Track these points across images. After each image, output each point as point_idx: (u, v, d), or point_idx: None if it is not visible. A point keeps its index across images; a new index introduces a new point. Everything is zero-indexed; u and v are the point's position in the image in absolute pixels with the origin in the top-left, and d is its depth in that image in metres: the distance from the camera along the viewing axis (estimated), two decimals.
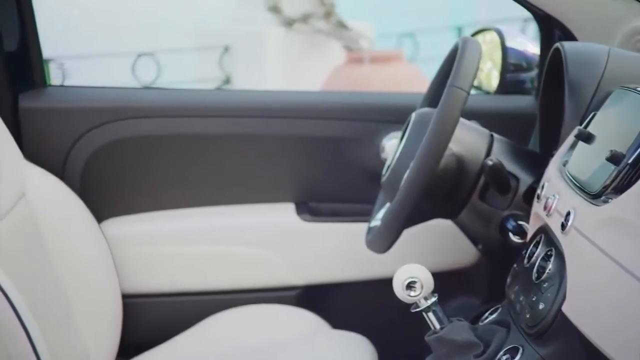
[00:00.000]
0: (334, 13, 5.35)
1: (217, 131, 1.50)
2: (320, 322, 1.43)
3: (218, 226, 1.53)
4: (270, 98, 1.61)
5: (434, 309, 0.94)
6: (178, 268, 1.51)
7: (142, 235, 1.50)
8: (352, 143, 1.53)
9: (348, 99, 1.67)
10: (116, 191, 1.49)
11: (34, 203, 1.28)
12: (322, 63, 5.15)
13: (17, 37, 1.42)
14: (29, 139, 1.41)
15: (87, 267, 1.36)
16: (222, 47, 5.64)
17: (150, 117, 1.48)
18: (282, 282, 1.54)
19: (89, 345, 1.30)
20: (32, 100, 1.44)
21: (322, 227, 1.53)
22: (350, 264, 1.52)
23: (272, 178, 1.53)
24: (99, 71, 4.85)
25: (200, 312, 1.47)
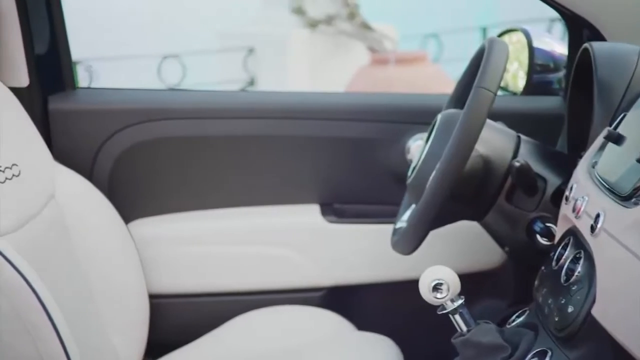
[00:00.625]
0: (358, 14, 5.35)
1: (243, 132, 1.51)
2: (345, 323, 1.43)
3: (243, 227, 1.53)
4: (294, 99, 1.61)
5: (460, 311, 0.94)
6: (204, 269, 1.52)
7: (168, 236, 1.51)
8: (377, 144, 1.53)
9: (373, 100, 1.67)
10: (143, 192, 1.51)
11: (63, 204, 1.30)
12: (346, 64, 5.16)
13: (48, 39, 1.44)
14: (58, 141, 1.43)
15: (114, 267, 1.37)
16: (247, 48, 5.67)
17: (177, 119, 1.50)
18: (307, 283, 1.54)
19: (117, 345, 1.31)
20: (61, 102, 1.46)
21: (347, 228, 1.53)
22: (376, 265, 1.52)
23: (297, 179, 1.54)
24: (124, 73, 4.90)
25: (226, 312, 1.47)
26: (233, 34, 5.81)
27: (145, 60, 5.22)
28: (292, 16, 5.50)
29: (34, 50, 1.38)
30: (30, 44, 1.36)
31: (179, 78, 5.20)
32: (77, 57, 1.54)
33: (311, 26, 5.43)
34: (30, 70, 1.37)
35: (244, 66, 5.69)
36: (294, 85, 5.39)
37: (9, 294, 0.96)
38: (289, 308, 1.48)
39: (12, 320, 0.97)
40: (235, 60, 5.66)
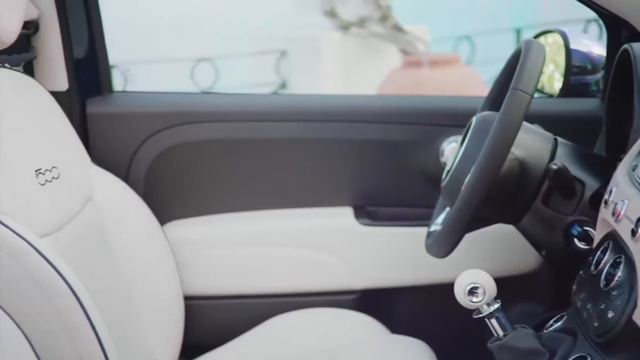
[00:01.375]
0: (390, 16, 5.33)
1: (276, 135, 1.52)
2: (378, 326, 1.43)
3: (277, 229, 1.54)
4: (327, 102, 1.61)
5: (496, 316, 0.93)
6: (238, 271, 1.53)
7: (202, 237, 1.53)
8: (410, 147, 1.52)
9: (407, 102, 1.67)
10: (178, 194, 1.52)
11: (100, 205, 1.32)
12: (378, 67, 5.15)
13: (86, 44, 1.46)
14: (96, 143, 1.45)
15: (150, 269, 1.39)
16: (279, 51, 5.70)
17: (211, 122, 1.51)
18: (340, 286, 1.54)
19: (153, 345, 1.33)
20: (99, 105, 1.48)
21: (381, 231, 1.53)
22: (409, 268, 1.51)
23: (330, 182, 1.54)
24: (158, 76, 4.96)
25: (259, 315, 1.48)
26: (265, 37, 5.84)
27: (179, 64, 5.28)
28: (324, 19, 5.51)
29: (73, 55, 1.40)
30: (70, 49, 1.38)
31: (212, 81, 5.24)
32: (112, 60, 1.56)
33: (343, 29, 5.43)
34: (69, 74, 1.39)
35: (276, 69, 5.71)
36: (326, 88, 5.40)
37: (49, 294, 0.98)
38: (322, 311, 1.48)
39: (52, 320, 0.98)
40: (268, 63, 5.69)
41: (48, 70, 1.37)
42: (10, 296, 0.92)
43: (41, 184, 1.14)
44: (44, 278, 0.98)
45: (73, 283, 1.00)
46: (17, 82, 1.19)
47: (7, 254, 0.97)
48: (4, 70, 1.17)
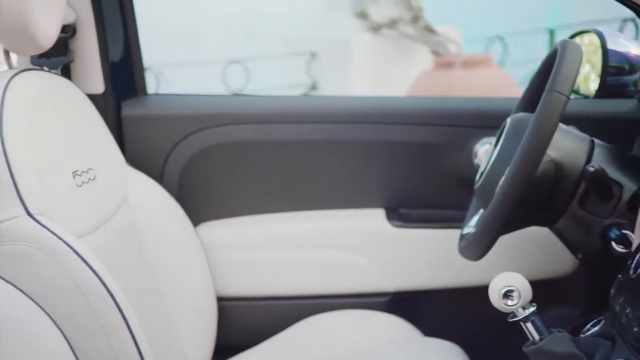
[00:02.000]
0: (422, 17, 5.31)
1: (307, 137, 1.52)
2: (411, 328, 1.42)
3: (309, 231, 1.54)
4: (358, 104, 1.61)
5: (532, 319, 0.92)
6: (270, 272, 1.53)
7: (235, 239, 1.53)
8: (442, 148, 1.51)
9: (439, 104, 1.66)
10: (211, 195, 1.53)
11: (135, 206, 1.33)
12: (409, 68, 5.13)
13: (122, 47, 1.48)
14: (131, 145, 1.47)
15: (183, 269, 1.40)
16: (309, 53, 5.71)
17: (243, 124, 1.52)
18: (372, 288, 1.53)
19: (186, 346, 1.34)
20: (134, 107, 1.49)
21: (413, 233, 1.52)
22: (442, 270, 1.50)
23: (362, 183, 1.54)
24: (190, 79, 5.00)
25: (291, 316, 1.48)
26: (296, 38, 5.85)
27: (210, 66, 5.32)
28: (355, 20, 5.51)
29: (109, 58, 1.42)
30: (106, 52, 1.40)
31: (242, 83, 5.27)
32: (145, 63, 1.58)
33: (374, 30, 5.42)
34: (105, 77, 1.41)
35: (306, 71, 5.73)
36: (357, 90, 5.39)
37: (86, 295, 0.99)
38: (354, 312, 1.48)
39: (89, 321, 1.00)
40: (298, 65, 5.71)
41: (85, 73, 1.39)
42: (49, 297, 0.94)
43: (78, 186, 1.15)
44: (81, 278, 1.00)
45: (109, 284, 1.01)
46: (56, 84, 1.20)
47: (45, 254, 0.99)
48: (43, 73, 1.19)
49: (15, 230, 1.00)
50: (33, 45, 1.08)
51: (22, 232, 1.00)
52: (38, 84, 1.14)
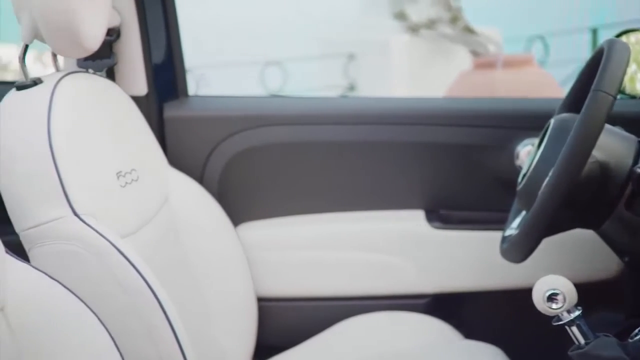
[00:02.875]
0: (461, 17, 5.27)
1: (346, 138, 1.52)
2: (451, 331, 1.41)
3: (348, 232, 1.54)
4: (397, 105, 1.61)
5: (578, 323, 0.90)
6: (308, 273, 1.53)
7: (274, 239, 1.54)
8: (483, 150, 1.50)
9: (479, 105, 1.64)
10: (251, 196, 1.54)
11: (176, 207, 1.35)
12: (448, 69, 5.09)
13: (164, 49, 1.50)
14: (172, 146, 1.49)
15: (223, 270, 1.41)
16: (347, 54, 5.71)
17: (282, 125, 1.52)
18: (411, 290, 1.53)
19: (226, 346, 1.35)
20: (175, 109, 1.51)
21: (453, 234, 1.51)
22: (483, 272, 1.49)
23: (401, 185, 1.53)
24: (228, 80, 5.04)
25: (330, 317, 1.48)
26: (334, 40, 5.86)
27: (248, 67, 5.36)
28: (393, 21, 5.49)
29: (152, 60, 1.44)
30: (149, 54, 1.42)
31: (280, 84, 5.30)
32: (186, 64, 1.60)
33: (412, 31, 5.40)
34: (148, 79, 1.43)
35: (344, 72, 5.73)
36: (394, 91, 5.37)
37: (131, 294, 1.01)
38: (394, 314, 1.47)
39: (133, 320, 1.01)
40: (336, 67, 5.71)
41: (128, 75, 1.41)
42: (94, 296, 0.95)
43: (122, 186, 1.17)
44: (126, 278, 1.01)
45: (153, 284, 1.02)
46: (101, 86, 1.23)
47: (91, 254, 1.01)
48: (89, 76, 1.21)
49: (62, 230, 1.02)
50: (80, 48, 1.10)
51: (69, 232, 1.02)
52: (84, 86, 1.16)
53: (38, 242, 1.03)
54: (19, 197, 1.03)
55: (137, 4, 1.38)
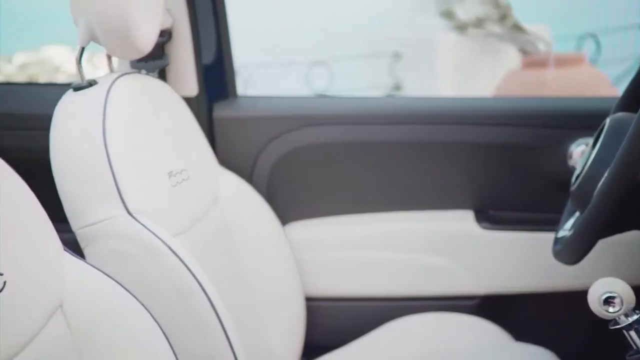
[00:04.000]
0: (510, 15, 5.20)
1: (394, 138, 1.51)
2: (501, 333, 1.39)
3: (396, 232, 1.53)
4: (444, 104, 1.59)
5: (636, 327, 0.88)
6: (356, 273, 1.53)
7: (322, 239, 1.54)
8: (533, 150, 1.48)
9: (530, 104, 1.62)
10: (299, 195, 1.55)
11: (226, 206, 1.36)
12: (496, 68, 5.03)
13: (214, 49, 1.52)
14: (222, 146, 1.50)
15: (272, 269, 1.42)
16: (393, 54, 5.69)
17: (330, 125, 1.53)
18: (460, 291, 1.51)
19: (275, 345, 1.36)
20: (225, 109, 1.53)
21: (504, 235, 1.49)
22: (535, 274, 1.47)
23: (449, 185, 1.52)
24: (274, 80, 5.08)
25: (379, 317, 1.48)
26: (380, 39, 5.84)
27: (294, 67, 5.38)
28: (440, 20, 5.45)
29: (202, 61, 1.46)
30: (199, 55, 1.44)
31: (326, 84, 5.31)
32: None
33: (460, 29, 5.35)
34: (199, 80, 1.45)
35: (390, 71, 5.71)
36: (441, 90, 5.33)
37: (183, 294, 1.02)
38: (442, 315, 1.46)
39: (185, 319, 1.02)
40: (381, 66, 5.70)
41: (180, 76, 1.43)
42: (146, 294, 0.96)
43: (173, 186, 1.19)
44: (178, 277, 1.02)
45: (204, 283, 1.03)
46: (154, 87, 1.25)
47: (144, 253, 1.03)
48: (142, 76, 1.23)
49: (115, 228, 1.04)
50: (134, 50, 1.12)
51: (122, 231, 1.04)
52: (138, 87, 1.18)
53: (92, 240, 1.05)
54: (74, 195, 1.06)
55: (188, 6, 1.40)
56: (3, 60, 6.27)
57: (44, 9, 5.75)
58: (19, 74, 6.07)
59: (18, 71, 6.13)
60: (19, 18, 5.86)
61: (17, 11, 5.92)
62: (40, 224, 0.79)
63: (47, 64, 6.20)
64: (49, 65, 6.19)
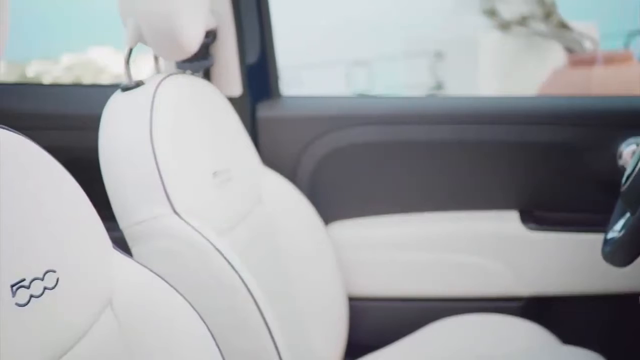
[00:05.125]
0: (555, 13, 5.11)
1: (436, 138, 1.50)
2: (548, 336, 1.37)
3: (439, 232, 1.52)
4: (488, 104, 1.57)
5: None
6: (399, 273, 1.53)
7: (364, 239, 1.54)
8: (580, 149, 1.45)
9: (577, 103, 1.59)
10: (341, 195, 1.55)
11: (269, 206, 1.37)
12: (540, 67, 4.96)
13: (258, 50, 1.53)
14: (265, 146, 1.51)
15: (315, 268, 1.42)
16: (435, 53, 5.65)
17: (373, 125, 1.52)
18: (505, 292, 1.49)
19: (318, 344, 1.36)
20: (268, 109, 1.54)
21: (550, 236, 1.47)
22: (582, 276, 1.44)
23: (493, 185, 1.50)
24: (315, 80, 5.08)
25: (422, 318, 1.47)
26: (421, 38, 5.81)
27: (335, 67, 5.38)
28: (482, 18, 5.39)
29: (246, 61, 1.47)
30: (243, 56, 1.45)
31: (367, 84, 5.30)
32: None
33: (503, 28, 5.28)
34: (243, 80, 1.46)
35: (431, 70, 5.67)
36: (483, 90, 5.28)
37: (227, 292, 1.03)
38: (487, 317, 1.44)
39: (229, 317, 1.03)
40: (422, 65, 5.66)
41: (224, 76, 1.44)
42: (193, 292, 0.97)
43: (217, 185, 1.20)
44: (224, 276, 1.03)
45: (249, 282, 1.04)
46: (199, 87, 1.26)
47: (190, 252, 1.03)
48: (188, 77, 1.25)
49: (161, 227, 1.05)
50: (180, 50, 1.13)
51: (169, 230, 1.05)
52: (184, 87, 1.19)
53: (139, 239, 1.06)
54: (121, 194, 1.07)
55: (233, 6, 1.41)
56: (51, 62, 6.41)
57: (89, 11, 5.86)
58: (66, 76, 6.20)
59: (65, 73, 6.26)
60: (65, 20, 5.98)
61: (63, 13, 6.05)
62: (91, 222, 0.81)
63: (92, 66, 6.32)
64: (94, 66, 6.31)
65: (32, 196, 0.72)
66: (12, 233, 0.68)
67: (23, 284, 0.67)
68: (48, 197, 0.75)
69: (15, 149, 0.73)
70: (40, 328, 0.69)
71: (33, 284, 0.68)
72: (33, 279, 0.69)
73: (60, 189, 0.77)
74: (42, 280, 0.70)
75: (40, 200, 0.73)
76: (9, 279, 0.66)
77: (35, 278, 0.69)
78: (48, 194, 0.75)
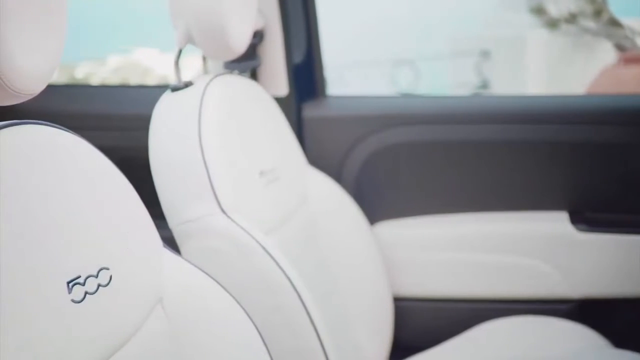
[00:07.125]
0: (605, 10, 5.00)
1: (484, 137, 1.48)
2: (598, 339, 1.34)
3: (485, 233, 1.50)
4: (536, 103, 1.55)
5: None
6: (445, 274, 1.51)
7: (410, 239, 1.53)
8: (633, 149, 1.42)
9: (629, 102, 1.55)
10: (386, 195, 1.54)
11: (315, 206, 1.37)
12: (589, 65, 4.86)
13: (304, 50, 1.53)
14: (310, 145, 1.51)
15: (360, 268, 1.41)
16: (480, 51, 5.58)
17: (418, 124, 1.51)
18: (554, 294, 1.47)
19: (364, 344, 1.35)
20: (314, 109, 1.54)
21: (601, 238, 1.44)
22: (634, 278, 1.41)
23: (542, 185, 1.47)
24: (361, 79, 5.07)
25: (468, 319, 1.46)
26: (467, 37, 5.75)
27: (379, 67, 5.36)
28: (530, 16, 5.31)
29: (293, 62, 1.47)
30: (290, 56, 1.46)
31: (411, 83, 5.27)
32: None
33: (551, 26, 5.19)
34: (289, 80, 1.46)
35: (477, 69, 5.61)
36: (531, 89, 5.20)
37: (274, 291, 1.03)
38: (536, 319, 1.42)
39: (275, 315, 1.03)
40: (468, 64, 5.60)
41: (271, 76, 1.45)
42: (239, 291, 0.98)
43: (264, 185, 1.21)
44: (270, 275, 1.04)
45: (295, 281, 1.04)
46: (246, 87, 1.27)
47: (237, 251, 1.04)
48: (235, 77, 1.26)
49: (209, 226, 1.06)
50: (228, 51, 1.14)
51: (216, 229, 1.06)
52: (231, 87, 1.21)
53: (188, 237, 1.08)
54: (170, 193, 1.09)
55: (280, 7, 1.41)
56: (98, 63, 6.54)
57: (134, 14, 5.96)
58: (113, 77, 6.32)
59: (112, 74, 6.39)
60: (111, 22, 6.10)
61: (109, 16, 6.17)
62: (142, 220, 0.82)
63: (138, 67, 6.42)
64: (140, 68, 6.41)
65: (87, 195, 0.74)
66: (68, 230, 0.70)
67: (78, 281, 0.69)
68: (102, 195, 0.76)
69: (71, 149, 0.74)
70: (95, 325, 0.70)
71: (88, 280, 0.70)
72: (88, 276, 0.70)
73: (113, 188, 0.78)
74: (96, 277, 0.71)
75: (94, 199, 0.74)
76: (65, 275, 0.68)
77: (90, 275, 0.70)
78: (102, 192, 0.76)
